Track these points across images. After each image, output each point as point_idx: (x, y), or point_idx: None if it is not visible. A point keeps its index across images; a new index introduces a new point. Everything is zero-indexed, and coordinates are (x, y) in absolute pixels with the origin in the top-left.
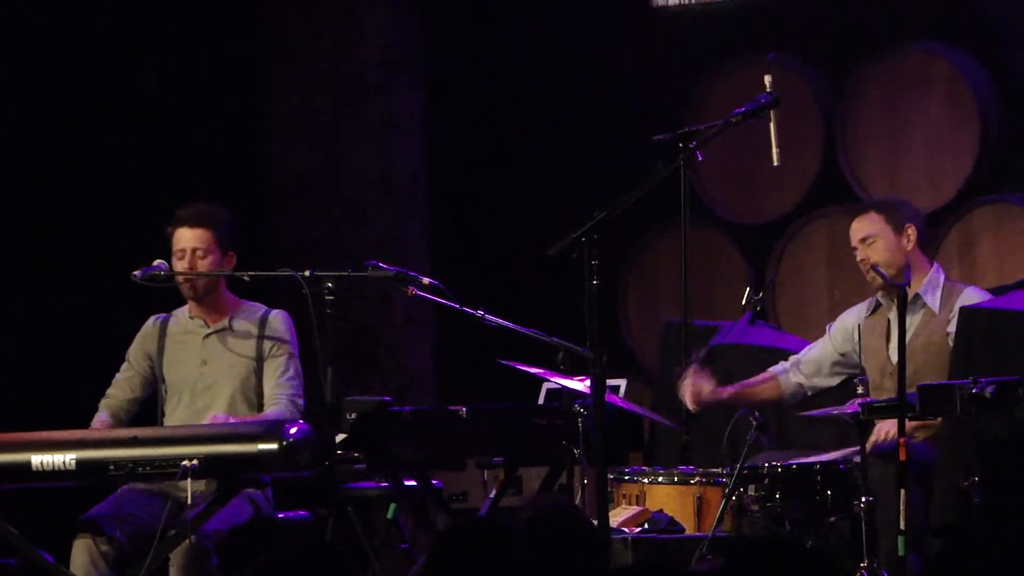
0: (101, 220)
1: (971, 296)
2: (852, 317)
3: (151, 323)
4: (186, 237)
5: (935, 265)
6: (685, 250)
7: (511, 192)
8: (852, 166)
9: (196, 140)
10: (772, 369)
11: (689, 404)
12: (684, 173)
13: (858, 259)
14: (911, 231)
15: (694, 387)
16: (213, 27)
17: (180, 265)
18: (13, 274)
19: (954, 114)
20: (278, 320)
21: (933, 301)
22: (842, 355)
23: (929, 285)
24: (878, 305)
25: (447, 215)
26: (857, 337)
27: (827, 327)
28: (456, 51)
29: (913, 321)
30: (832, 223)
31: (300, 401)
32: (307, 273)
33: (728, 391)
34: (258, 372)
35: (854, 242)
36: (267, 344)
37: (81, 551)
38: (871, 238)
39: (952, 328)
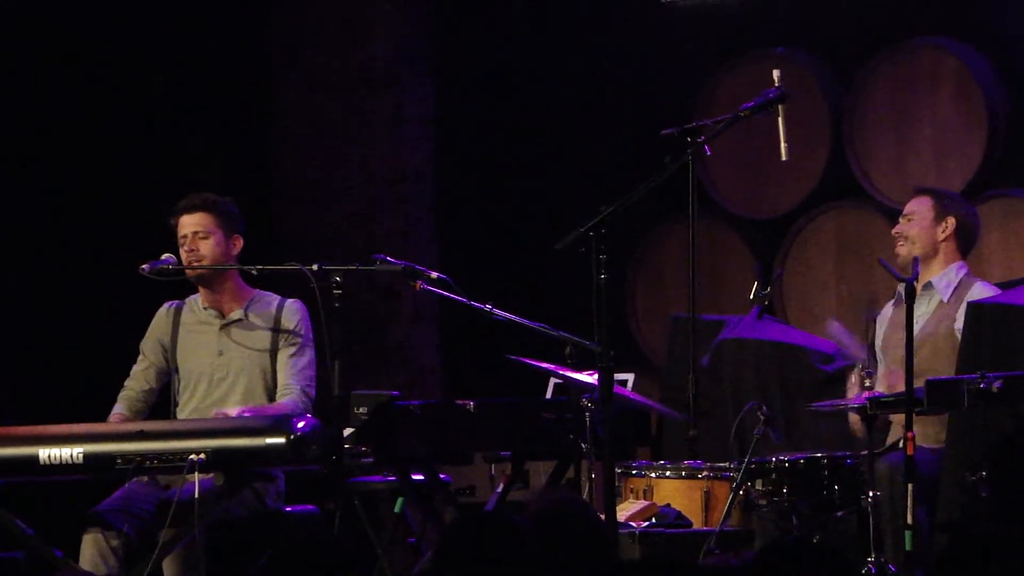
0: (108, 216)
1: (980, 291)
2: (882, 311)
3: (164, 311)
4: (186, 223)
5: (961, 262)
6: (693, 244)
7: (520, 188)
8: (860, 161)
9: (203, 137)
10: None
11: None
12: (692, 168)
13: (893, 231)
14: (950, 222)
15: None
16: (220, 22)
17: (184, 252)
18: (23, 270)
19: (962, 110)
20: (292, 310)
21: (945, 291)
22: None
23: (945, 276)
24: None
25: (456, 212)
26: (874, 330)
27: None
28: (465, 47)
29: (927, 311)
30: (840, 217)
31: (312, 391)
32: (315, 267)
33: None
34: (273, 361)
35: (901, 216)
36: (282, 334)
37: (90, 545)
38: (912, 215)
39: (959, 323)
